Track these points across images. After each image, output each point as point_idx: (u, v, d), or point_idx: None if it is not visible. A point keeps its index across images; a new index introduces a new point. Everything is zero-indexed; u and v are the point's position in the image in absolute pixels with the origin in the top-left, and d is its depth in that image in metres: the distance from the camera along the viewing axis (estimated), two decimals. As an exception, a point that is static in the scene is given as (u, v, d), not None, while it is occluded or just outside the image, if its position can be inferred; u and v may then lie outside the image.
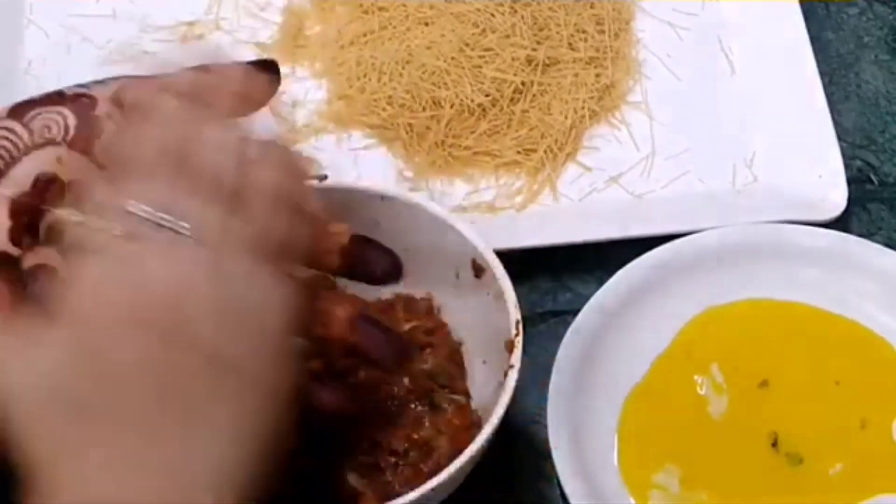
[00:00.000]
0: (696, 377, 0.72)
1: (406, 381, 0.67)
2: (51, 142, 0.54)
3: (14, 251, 0.54)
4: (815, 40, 0.84)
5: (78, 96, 0.56)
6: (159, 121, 0.52)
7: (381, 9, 0.86)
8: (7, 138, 0.54)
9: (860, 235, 0.77)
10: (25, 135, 0.54)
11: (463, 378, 0.70)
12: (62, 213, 0.54)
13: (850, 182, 0.78)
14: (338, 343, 0.58)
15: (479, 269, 0.68)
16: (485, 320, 0.68)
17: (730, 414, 0.71)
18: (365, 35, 0.86)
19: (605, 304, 0.73)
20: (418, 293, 0.71)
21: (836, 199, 0.78)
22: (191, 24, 0.88)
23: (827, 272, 0.75)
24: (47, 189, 0.54)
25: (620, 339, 0.72)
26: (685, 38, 0.86)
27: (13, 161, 0.54)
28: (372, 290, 0.68)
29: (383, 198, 0.70)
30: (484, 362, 0.69)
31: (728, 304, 0.75)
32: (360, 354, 0.59)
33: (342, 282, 0.66)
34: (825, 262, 0.75)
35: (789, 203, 0.78)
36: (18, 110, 0.55)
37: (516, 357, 0.64)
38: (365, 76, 0.84)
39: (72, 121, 0.55)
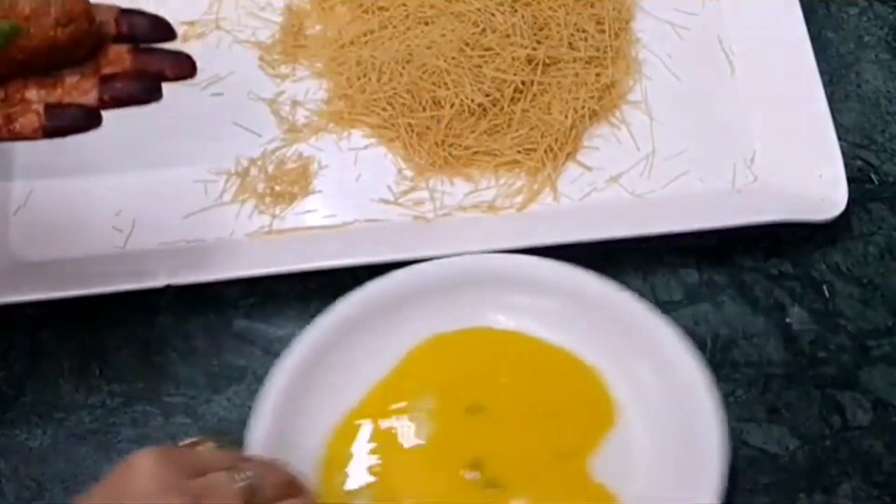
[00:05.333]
0: (405, 403, 0.73)
1: None
2: None
3: None
4: (815, 40, 0.84)
5: None
6: None
7: (381, 8, 0.86)
8: None
9: (860, 235, 0.77)
10: None
11: None
12: None
13: (850, 182, 0.78)
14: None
15: None
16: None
17: (434, 438, 0.72)
18: (365, 35, 0.86)
19: (317, 341, 0.73)
20: None
21: (836, 198, 0.78)
22: (191, 23, 0.88)
23: (550, 301, 0.74)
24: None
25: (336, 370, 0.73)
26: (685, 38, 0.86)
27: None
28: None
29: None
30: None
31: (453, 333, 0.75)
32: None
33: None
34: (550, 292, 0.74)
35: (789, 203, 0.78)
36: None
37: None
38: (365, 76, 0.84)
39: None
